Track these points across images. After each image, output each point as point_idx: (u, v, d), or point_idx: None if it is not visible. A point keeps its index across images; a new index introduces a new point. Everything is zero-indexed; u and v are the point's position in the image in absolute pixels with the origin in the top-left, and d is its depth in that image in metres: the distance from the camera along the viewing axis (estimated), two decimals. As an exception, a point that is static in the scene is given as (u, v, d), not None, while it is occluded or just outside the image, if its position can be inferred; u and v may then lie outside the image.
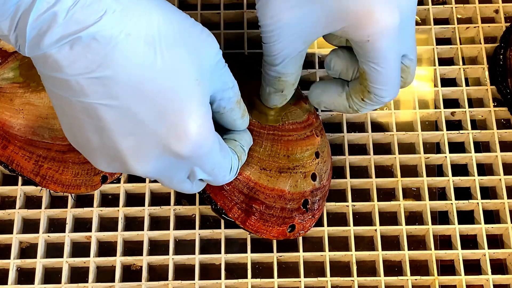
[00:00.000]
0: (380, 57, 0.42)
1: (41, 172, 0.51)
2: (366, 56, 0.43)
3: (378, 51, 0.42)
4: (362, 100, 0.46)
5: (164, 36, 0.37)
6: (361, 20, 0.41)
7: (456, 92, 0.59)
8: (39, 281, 0.52)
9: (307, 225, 0.51)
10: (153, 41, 0.37)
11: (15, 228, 0.53)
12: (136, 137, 0.38)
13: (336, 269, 0.53)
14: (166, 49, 0.37)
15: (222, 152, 0.43)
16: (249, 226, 0.50)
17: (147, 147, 0.38)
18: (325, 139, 0.54)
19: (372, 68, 0.43)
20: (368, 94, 0.45)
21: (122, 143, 0.38)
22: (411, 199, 0.56)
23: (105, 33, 0.35)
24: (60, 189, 0.52)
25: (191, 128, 0.38)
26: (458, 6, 0.62)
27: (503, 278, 0.53)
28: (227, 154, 0.44)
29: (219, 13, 0.61)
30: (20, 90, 0.51)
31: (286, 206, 0.50)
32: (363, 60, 0.43)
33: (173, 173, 0.42)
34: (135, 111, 0.37)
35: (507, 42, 0.58)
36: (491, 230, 0.55)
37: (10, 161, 0.52)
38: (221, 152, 0.42)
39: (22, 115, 0.51)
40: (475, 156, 0.56)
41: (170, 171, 0.41)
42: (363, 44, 0.42)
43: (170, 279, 0.52)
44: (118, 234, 0.53)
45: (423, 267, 0.54)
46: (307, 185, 0.51)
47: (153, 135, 0.38)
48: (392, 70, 0.44)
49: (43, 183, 0.52)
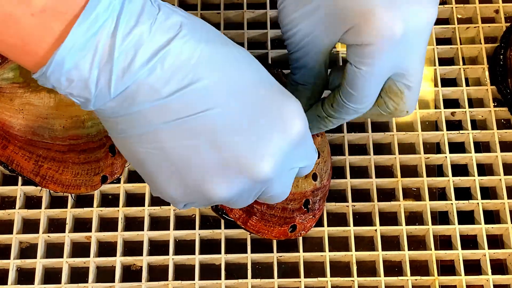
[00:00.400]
0: (366, 62, 0.40)
1: (41, 172, 0.51)
2: (354, 57, 0.41)
3: (366, 56, 0.40)
4: (331, 106, 0.44)
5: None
6: (359, 23, 0.39)
7: (456, 92, 0.59)
8: (39, 281, 0.52)
9: (308, 225, 0.51)
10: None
11: (15, 228, 0.53)
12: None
13: (336, 269, 0.53)
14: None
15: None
16: (250, 227, 0.50)
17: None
18: (325, 139, 0.54)
19: (353, 69, 0.41)
20: (337, 98, 0.43)
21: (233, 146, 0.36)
22: (411, 199, 0.56)
23: (190, 43, 0.34)
24: (60, 189, 0.52)
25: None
26: (458, 6, 0.62)
27: (503, 278, 0.53)
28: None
29: (219, 13, 0.61)
30: (20, 90, 0.51)
31: (287, 206, 0.50)
32: (349, 59, 0.41)
33: (245, 196, 0.40)
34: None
35: (507, 42, 0.58)
36: (491, 230, 0.55)
37: (10, 161, 0.52)
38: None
39: (22, 115, 0.51)
40: (475, 156, 0.56)
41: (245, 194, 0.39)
42: (355, 47, 0.40)
43: (170, 279, 0.52)
44: (118, 234, 0.53)
45: (423, 267, 0.54)
46: (308, 185, 0.51)
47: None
48: (371, 79, 0.41)
49: (43, 183, 0.52)
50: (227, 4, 0.62)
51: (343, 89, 0.43)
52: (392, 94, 0.43)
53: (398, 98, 0.43)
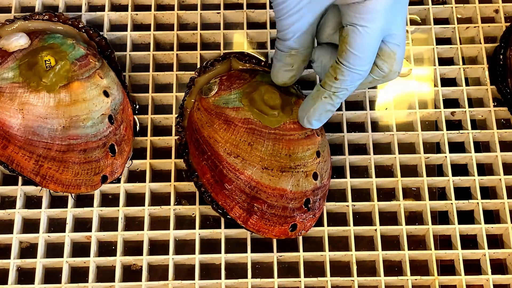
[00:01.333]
0: (368, 18, 0.43)
1: (41, 172, 0.51)
2: (354, 16, 0.43)
3: (369, 11, 0.43)
4: (335, 79, 0.46)
5: None
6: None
7: (456, 92, 0.59)
8: (39, 281, 0.52)
9: (309, 224, 0.51)
10: None
11: (15, 228, 0.53)
12: None
13: (336, 269, 0.53)
14: None
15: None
16: (250, 226, 0.50)
17: None
18: (325, 138, 0.54)
19: (356, 28, 0.43)
20: (339, 66, 0.45)
21: None
22: (411, 199, 0.56)
23: None
24: (60, 189, 0.52)
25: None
26: (458, 6, 0.62)
27: (503, 278, 0.53)
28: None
29: (219, 13, 0.61)
30: (19, 90, 0.51)
31: (288, 205, 0.50)
32: (349, 20, 0.44)
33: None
34: None
35: (507, 42, 0.58)
36: (491, 230, 0.55)
37: (10, 161, 0.52)
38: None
39: (22, 115, 0.51)
40: (475, 156, 0.56)
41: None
42: (355, 5, 0.43)
43: (170, 279, 0.52)
44: (118, 234, 0.53)
45: (423, 267, 0.54)
46: (308, 184, 0.51)
47: None
48: (374, 36, 0.44)
49: (43, 183, 0.52)
50: (227, 4, 0.62)
51: (346, 54, 0.44)
52: (385, 56, 0.46)
53: (391, 59, 0.46)
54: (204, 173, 0.51)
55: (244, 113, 0.51)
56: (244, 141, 0.50)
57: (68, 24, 0.57)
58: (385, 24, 0.44)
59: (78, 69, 0.52)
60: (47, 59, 0.52)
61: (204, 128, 0.51)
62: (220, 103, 0.51)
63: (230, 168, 0.50)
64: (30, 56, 0.52)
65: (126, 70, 0.59)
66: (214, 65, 0.55)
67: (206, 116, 0.52)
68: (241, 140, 0.50)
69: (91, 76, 0.53)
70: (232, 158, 0.50)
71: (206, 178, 0.51)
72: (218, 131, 0.51)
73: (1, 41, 0.53)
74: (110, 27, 0.61)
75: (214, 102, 0.52)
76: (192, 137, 0.53)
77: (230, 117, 0.51)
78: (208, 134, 0.51)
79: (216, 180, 0.51)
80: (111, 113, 0.53)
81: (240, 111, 0.51)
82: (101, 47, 0.57)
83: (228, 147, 0.50)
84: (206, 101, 0.52)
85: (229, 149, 0.50)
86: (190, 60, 0.60)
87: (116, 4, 0.62)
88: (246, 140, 0.50)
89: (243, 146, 0.50)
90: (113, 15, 0.61)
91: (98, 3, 0.62)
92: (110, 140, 0.53)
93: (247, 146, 0.50)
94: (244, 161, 0.50)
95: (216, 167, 0.51)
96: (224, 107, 0.51)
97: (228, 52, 0.57)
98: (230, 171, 0.50)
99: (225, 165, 0.50)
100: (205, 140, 0.51)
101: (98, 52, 0.56)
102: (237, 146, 0.50)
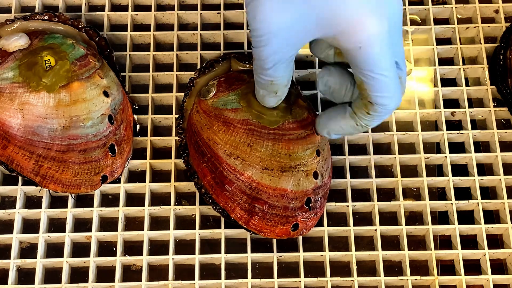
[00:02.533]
0: (374, 64, 0.41)
1: (41, 172, 0.51)
2: (361, 65, 0.42)
3: (372, 58, 0.41)
4: (368, 114, 0.45)
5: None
6: (351, 27, 0.40)
7: (456, 92, 0.59)
8: (39, 281, 0.52)
9: (310, 224, 0.51)
10: None
11: (15, 228, 0.53)
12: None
13: (336, 269, 0.53)
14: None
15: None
16: (252, 226, 0.50)
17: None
18: (325, 137, 0.54)
19: (369, 76, 0.42)
20: (372, 105, 0.44)
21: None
22: (411, 199, 0.56)
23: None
24: (60, 189, 0.52)
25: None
26: (458, 6, 0.62)
27: (503, 278, 0.53)
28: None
29: (219, 13, 0.61)
30: (19, 90, 0.51)
31: (289, 205, 0.50)
32: (359, 70, 0.42)
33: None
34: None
35: (507, 42, 0.58)
36: (491, 230, 0.55)
37: (10, 161, 0.52)
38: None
39: (22, 115, 0.51)
40: (475, 156, 0.56)
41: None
42: (356, 52, 0.41)
43: (170, 279, 0.52)
44: (118, 234, 0.53)
45: (423, 267, 0.54)
46: (309, 184, 0.51)
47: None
48: (389, 75, 0.42)
49: (43, 183, 0.52)
50: (227, 4, 0.62)
51: (374, 98, 0.43)
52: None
53: (401, 84, 0.45)
54: (204, 175, 0.51)
55: (243, 114, 0.51)
56: (243, 142, 0.50)
57: (68, 24, 0.57)
58: (392, 58, 0.42)
59: (78, 69, 0.52)
60: (47, 59, 0.52)
61: (203, 130, 0.51)
62: (219, 105, 0.51)
63: (230, 170, 0.50)
64: (30, 56, 0.52)
65: (126, 70, 0.59)
66: (214, 66, 0.55)
67: (205, 118, 0.52)
68: (240, 141, 0.50)
69: (91, 76, 0.53)
70: (232, 159, 0.50)
71: (207, 180, 0.51)
72: (217, 132, 0.51)
73: (1, 41, 0.53)
74: (110, 27, 0.61)
75: (212, 104, 0.52)
76: (191, 139, 0.53)
77: (229, 118, 0.51)
78: (208, 136, 0.51)
79: (217, 182, 0.51)
80: (111, 113, 0.53)
81: (239, 112, 0.51)
82: (101, 47, 0.57)
83: (227, 148, 0.50)
84: (204, 103, 0.52)
85: (229, 150, 0.50)
86: (190, 60, 0.60)
87: (116, 4, 0.62)
88: (246, 141, 0.50)
89: (242, 147, 0.50)
90: (113, 15, 0.61)
91: (98, 3, 0.62)
92: (110, 140, 0.53)
93: (246, 147, 0.50)
94: (244, 162, 0.50)
95: (216, 169, 0.51)
96: (223, 109, 0.51)
97: (227, 53, 0.57)
98: (230, 172, 0.50)
99: (225, 167, 0.50)
100: (205, 142, 0.51)
101: (98, 52, 0.56)
102: (236, 147, 0.50)
